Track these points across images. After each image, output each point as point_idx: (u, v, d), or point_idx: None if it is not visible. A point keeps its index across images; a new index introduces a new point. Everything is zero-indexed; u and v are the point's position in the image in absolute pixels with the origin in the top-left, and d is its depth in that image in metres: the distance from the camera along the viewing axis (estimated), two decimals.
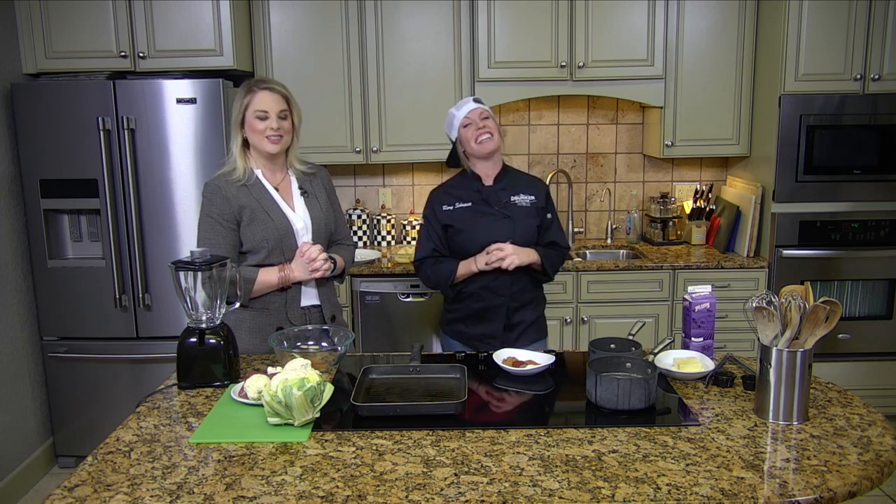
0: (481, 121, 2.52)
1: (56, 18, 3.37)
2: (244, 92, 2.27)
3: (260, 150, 2.30)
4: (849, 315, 3.65)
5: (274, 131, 2.26)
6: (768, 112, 3.62)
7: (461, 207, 2.54)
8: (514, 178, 2.62)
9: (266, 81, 2.30)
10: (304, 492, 1.45)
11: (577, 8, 3.65)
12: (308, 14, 3.68)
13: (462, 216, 2.54)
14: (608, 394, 1.79)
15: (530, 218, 2.56)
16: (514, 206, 2.55)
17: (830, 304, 1.69)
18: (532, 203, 2.57)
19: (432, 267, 2.57)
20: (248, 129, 2.28)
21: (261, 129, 2.26)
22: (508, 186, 2.57)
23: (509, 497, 1.42)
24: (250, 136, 2.29)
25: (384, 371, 2.05)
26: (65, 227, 3.47)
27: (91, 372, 3.46)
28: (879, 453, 1.57)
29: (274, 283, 2.28)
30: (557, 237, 2.62)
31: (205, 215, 2.27)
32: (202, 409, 1.87)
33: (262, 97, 2.25)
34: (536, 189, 2.61)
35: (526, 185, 2.61)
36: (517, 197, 2.56)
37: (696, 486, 1.44)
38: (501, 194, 2.55)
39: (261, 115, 2.25)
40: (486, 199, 2.55)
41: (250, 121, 2.26)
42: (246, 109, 2.26)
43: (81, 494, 1.46)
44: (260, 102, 2.25)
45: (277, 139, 2.28)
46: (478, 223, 2.52)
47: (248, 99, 2.25)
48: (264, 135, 2.26)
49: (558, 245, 2.62)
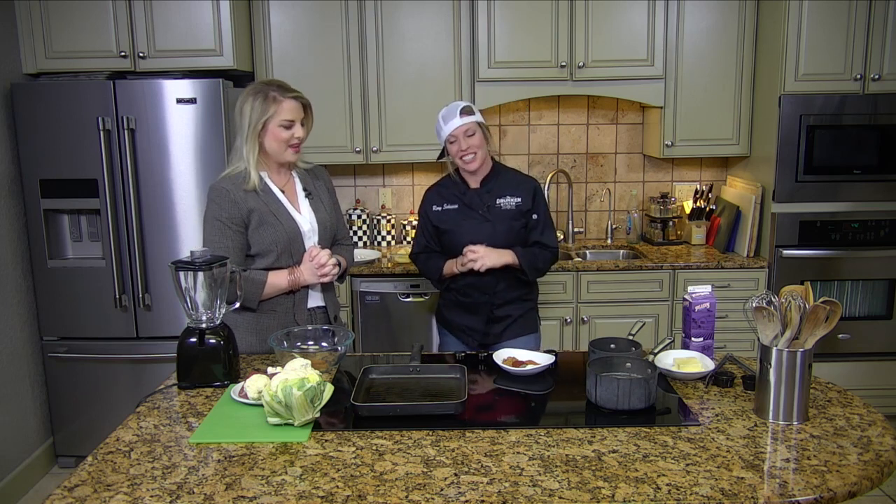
0: (466, 139, 2.51)
1: (56, 18, 3.37)
2: (265, 100, 2.20)
3: (278, 157, 2.28)
4: (849, 315, 3.65)
5: (298, 140, 2.26)
6: (768, 112, 3.62)
7: (448, 209, 2.63)
8: (502, 180, 2.64)
9: (289, 89, 2.25)
10: (304, 492, 1.45)
11: (577, 8, 3.65)
12: (308, 14, 3.68)
13: (448, 217, 2.63)
14: (608, 394, 1.79)
15: (513, 220, 2.59)
16: (498, 210, 2.60)
17: (830, 304, 1.69)
18: (517, 205, 2.60)
19: (424, 263, 2.71)
20: (269, 137, 2.24)
21: (285, 137, 2.23)
22: (494, 189, 2.62)
23: (509, 497, 1.42)
24: (270, 144, 2.25)
25: (384, 371, 2.05)
26: (65, 227, 3.47)
27: (91, 372, 3.46)
28: (879, 453, 1.57)
29: (284, 286, 2.27)
30: (544, 238, 2.64)
31: (212, 218, 2.24)
32: (202, 409, 1.87)
33: (289, 107, 2.22)
34: (523, 190, 2.62)
35: (513, 186, 2.63)
36: (503, 199, 2.60)
37: (696, 486, 1.44)
38: (486, 197, 2.60)
39: (286, 124, 2.22)
40: (470, 201, 2.61)
41: (274, 129, 2.22)
42: (270, 118, 2.21)
43: (81, 494, 1.46)
44: (287, 112, 2.22)
45: (298, 148, 2.28)
46: (461, 225, 2.60)
47: (274, 108, 2.20)
48: (288, 144, 2.25)
49: (545, 245, 2.63)
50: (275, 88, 2.23)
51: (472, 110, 2.55)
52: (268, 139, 2.24)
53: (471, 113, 2.53)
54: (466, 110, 2.53)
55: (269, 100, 2.21)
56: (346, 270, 2.49)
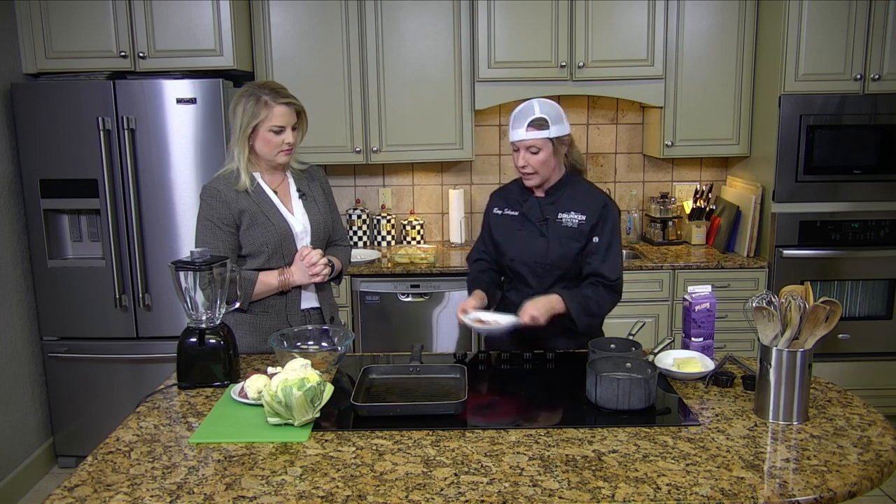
0: (527, 154, 2.22)
1: (56, 18, 3.37)
2: (257, 104, 2.18)
3: (268, 160, 2.27)
4: (849, 315, 3.65)
5: (289, 146, 2.25)
6: (768, 112, 3.62)
7: (508, 214, 2.39)
8: (570, 193, 2.31)
9: (282, 94, 2.22)
10: (304, 492, 1.45)
11: (577, 8, 3.65)
12: (308, 14, 3.68)
13: (504, 223, 2.39)
14: (608, 394, 1.79)
15: (572, 241, 2.27)
16: (557, 225, 2.29)
17: (830, 304, 1.69)
18: (579, 223, 2.27)
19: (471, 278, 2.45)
20: (259, 141, 2.23)
21: (276, 142, 2.22)
22: (559, 201, 2.31)
23: (509, 497, 1.42)
24: (260, 147, 2.24)
25: (384, 371, 2.05)
26: (65, 227, 3.47)
27: (91, 372, 3.46)
28: (879, 453, 1.57)
29: (274, 285, 2.27)
30: (604, 268, 2.25)
31: (204, 219, 2.24)
32: (202, 409, 1.87)
33: (280, 112, 2.19)
34: (590, 207, 2.28)
35: (580, 201, 2.29)
36: (566, 214, 2.29)
37: (696, 486, 1.44)
38: (547, 209, 2.31)
39: (276, 129, 2.21)
40: (529, 211, 2.34)
41: (264, 134, 2.21)
42: (261, 123, 2.19)
43: (81, 494, 1.46)
44: (278, 117, 2.19)
45: (290, 152, 2.27)
46: (514, 235, 2.35)
47: (265, 113, 2.18)
48: (279, 149, 2.24)
49: (603, 278, 2.25)
50: (267, 92, 2.20)
51: (546, 123, 2.19)
52: (258, 143, 2.23)
53: (541, 127, 2.19)
54: (536, 123, 2.19)
55: (260, 104, 2.18)
56: (342, 272, 2.48)
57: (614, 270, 2.27)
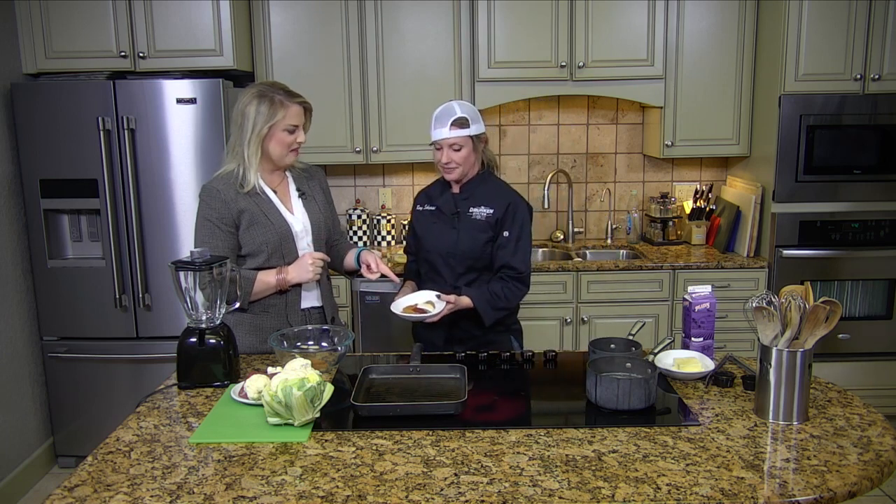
0: (450, 152, 2.37)
1: (56, 18, 3.37)
2: (272, 105, 2.20)
3: (279, 161, 2.28)
4: (849, 315, 3.65)
5: (299, 144, 2.28)
6: (768, 112, 3.62)
7: (427, 210, 2.55)
8: (483, 189, 2.47)
9: (293, 94, 2.26)
10: (304, 492, 1.45)
11: (577, 8, 3.65)
12: (308, 14, 3.68)
13: (424, 218, 2.54)
14: (608, 394, 1.79)
15: (480, 232, 2.42)
16: (468, 218, 2.44)
17: (830, 304, 1.69)
18: (486, 217, 2.42)
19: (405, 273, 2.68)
20: (273, 142, 2.24)
21: (289, 142, 2.25)
22: (472, 196, 2.46)
23: (509, 497, 1.42)
24: (273, 148, 2.25)
25: (384, 371, 2.05)
26: (65, 227, 3.47)
27: (91, 372, 3.46)
28: (879, 453, 1.57)
29: (272, 284, 2.27)
30: (514, 260, 2.41)
31: (203, 219, 2.25)
32: (202, 409, 1.87)
33: (295, 111, 2.24)
34: (498, 202, 2.43)
35: (490, 197, 2.45)
36: (476, 209, 2.44)
37: (696, 486, 1.44)
38: (461, 203, 2.46)
39: (291, 128, 2.24)
40: (444, 206, 2.49)
41: (278, 134, 2.23)
42: (276, 123, 2.21)
43: (81, 494, 1.46)
44: (293, 117, 2.23)
45: (298, 151, 2.30)
46: (430, 228, 2.51)
47: (282, 113, 2.21)
48: (290, 148, 2.26)
49: (512, 269, 2.41)
50: (280, 93, 2.23)
51: (466, 122, 2.35)
52: (272, 144, 2.24)
53: (463, 126, 2.34)
54: (459, 122, 2.34)
55: (275, 105, 2.21)
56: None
57: (523, 264, 2.43)
